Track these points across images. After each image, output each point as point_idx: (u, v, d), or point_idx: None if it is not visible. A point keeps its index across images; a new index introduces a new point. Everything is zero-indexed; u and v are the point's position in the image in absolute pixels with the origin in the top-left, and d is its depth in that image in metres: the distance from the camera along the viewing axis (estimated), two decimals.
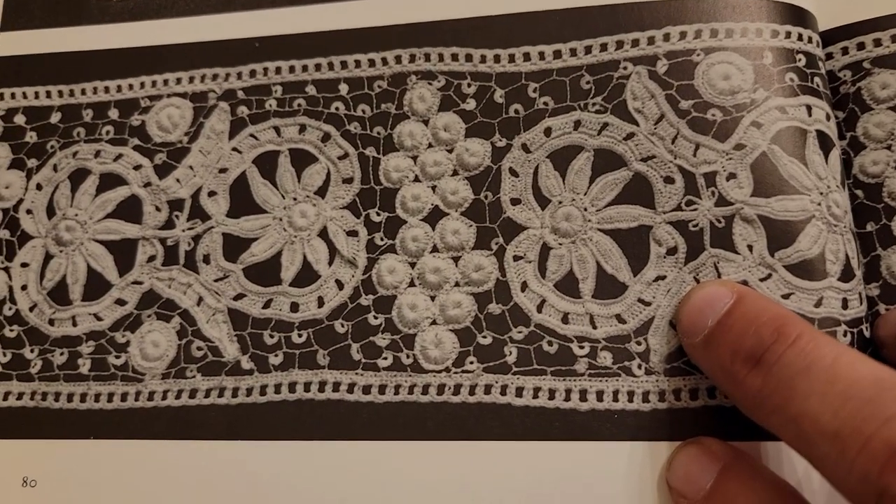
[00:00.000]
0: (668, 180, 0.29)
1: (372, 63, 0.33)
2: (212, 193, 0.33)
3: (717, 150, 0.29)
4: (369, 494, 0.28)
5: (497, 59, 0.32)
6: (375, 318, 0.30)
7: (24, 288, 0.33)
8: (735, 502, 0.24)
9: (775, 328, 0.24)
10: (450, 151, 0.31)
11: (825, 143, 0.29)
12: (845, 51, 0.32)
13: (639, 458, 0.27)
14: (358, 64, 0.33)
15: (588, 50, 0.31)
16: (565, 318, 0.29)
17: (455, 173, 0.31)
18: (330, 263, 0.31)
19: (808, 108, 0.29)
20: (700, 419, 0.27)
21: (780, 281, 0.28)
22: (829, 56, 0.32)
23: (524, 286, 0.30)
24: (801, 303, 0.28)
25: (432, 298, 0.30)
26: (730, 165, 0.29)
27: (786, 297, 0.28)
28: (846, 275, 0.28)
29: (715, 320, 0.26)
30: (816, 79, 0.30)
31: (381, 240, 0.31)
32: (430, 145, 0.32)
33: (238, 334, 0.31)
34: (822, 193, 0.28)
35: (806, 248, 0.28)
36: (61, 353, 0.32)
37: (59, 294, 0.33)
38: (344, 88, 0.33)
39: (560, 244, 0.30)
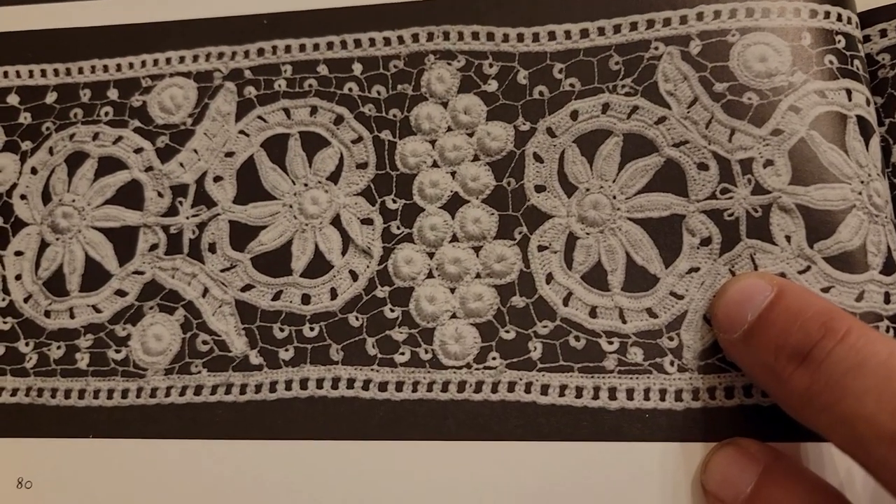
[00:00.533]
0: (702, 167, 0.28)
1: (387, 41, 0.32)
2: (217, 178, 0.32)
3: (753, 135, 0.28)
4: (385, 497, 0.27)
5: (520, 37, 0.31)
6: (392, 311, 0.29)
7: (18, 278, 0.32)
8: None
9: (822, 323, 0.23)
10: (470, 135, 0.30)
11: (866, 130, 0.28)
12: (884, 33, 0.31)
13: (671, 460, 0.26)
14: (373, 42, 0.32)
15: (617, 29, 0.30)
16: (593, 312, 0.28)
17: (476, 158, 0.30)
18: (343, 253, 0.30)
19: (848, 92, 0.28)
20: (736, 419, 0.26)
21: (820, 274, 0.27)
22: (867, 38, 0.31)
23: (549, 278, 0.29)
24: (841, 297, 0.27)
25: (452, 290, 0.29)
26: (767, 152, 0.28)
27: (825, 290, 0.27)
28: (888, 267, 0.27)
29: (755, 314, 0.25)
30: (856, 61, 0.29)
31: (398, 228, 0.30)
32: (449, 129, 0.31)
33: (246, 328, 0.30)
34: (862, 182, 0.27)
35: (846, 240, 0.27)
36: (58, 347, 0.31)
37: (56, 284, 0.32)
38: (358, 68, 0.32)
39: (587, 234, 0.29)
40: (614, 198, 0.29)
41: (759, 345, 0.24)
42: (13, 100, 0.34)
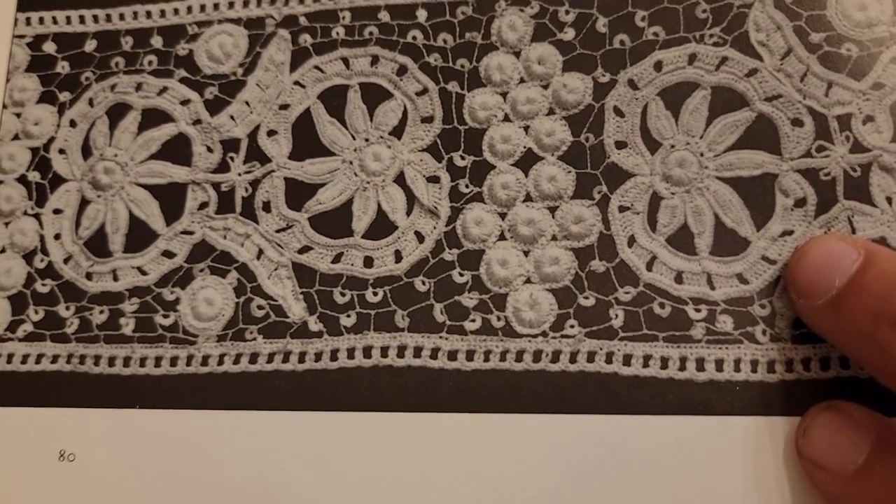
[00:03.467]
0: (797, 123, 0.27)
1: None
2: (271, 133, 0.31)
3: (852, 89, 0.27)
4: (455, 472, 0.27)
5: None
6: (461, 275, 0.29)
7: (57, 237, 0.32)
8: None
9: None
10: (545, 87, 0.30)
11: None
12: None
13: (763, 435, 0.26)
14: None
15: None
16: (679, 278, 0.27)
17: (551, 112, 0.29)
18: (408, 213, 0.30)
19: None
20: (831, 392, 0.26)
21: None
22: None
23: (632, 241, 0.28)
24: None
25: (526, 254, 0.28)
26: (867, 107, 0.27)
27: None
28: None
29: (843, 279, 0.24)
30: None
31: (467, 187, 0.29)
32: (521, 80, 0.30)
33: (304, 292, 0.29)
34: None
35: None
36: (101, 312, 0.31)
37: (98, 244, 0.31)
38: (422, 15, 0.31)
39: (673, 194, 0.28)
40: (702, 155, 0.28)
41: (852, 311, 0.24)
42: (50, 48, 0.34)
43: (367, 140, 0.30)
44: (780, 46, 0.28)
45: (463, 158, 0.30)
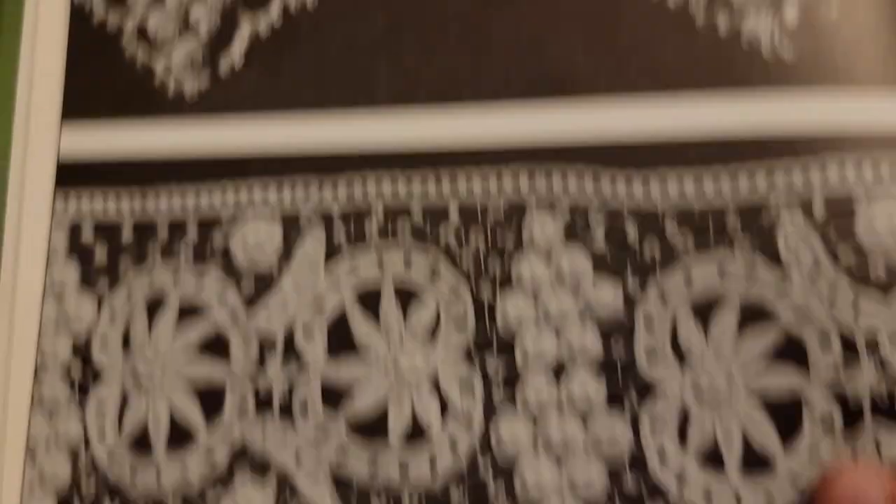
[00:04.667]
0: (825, 341, 0.28)
1: (485, 181, 0.31)
2: (307, 331, 0.31)
3: (882, 309, 0.28)
4: None
5: (629, 180, 0.30)
6: (495, 485, 0.29)
7: (99, 433, 0.32)
8: None
9: None
10: (575, 294, 0.30)
11: None
12: None
13: None
14: (468, 179, 0.31)
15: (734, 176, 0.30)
16: (708, 497, 0.28)
17: (582, 319, 0.30)
18: (442, 418, 0.30)
19: None
20: None
21: None
22: None
23: (662, 455, 0.29)
24: None
25: (558, 466, 0.29)
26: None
27: None
28: None
29: None
30: None
31: (499, 392, 0.30)
32: (552, 285, 0.30)
33: (342, 495, 0.30)
34: None
35: None
36: None
37: (140, 442, 0.32)
38: (454, 215, 0.31)
39: (701, 408, 0.29)
40: (730, 370, 0.29)
41: None
42: (88, 235, 0.34)
43: (400, 342, 0.31)
44: (809, 263, 0.29)
45: (495, 365, 0.30)
